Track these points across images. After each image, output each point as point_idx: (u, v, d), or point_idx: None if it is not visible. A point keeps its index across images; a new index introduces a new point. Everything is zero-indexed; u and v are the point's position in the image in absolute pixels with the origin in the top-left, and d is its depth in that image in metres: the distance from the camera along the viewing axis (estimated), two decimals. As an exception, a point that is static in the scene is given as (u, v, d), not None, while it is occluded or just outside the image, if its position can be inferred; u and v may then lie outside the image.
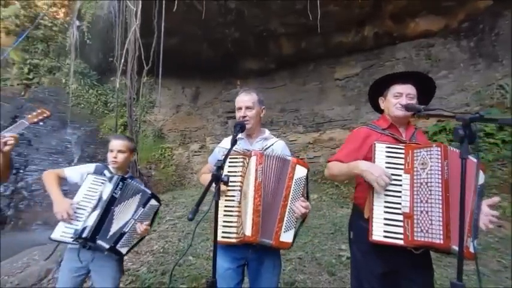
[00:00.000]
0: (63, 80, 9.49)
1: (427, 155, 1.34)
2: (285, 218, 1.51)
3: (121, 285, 2.80)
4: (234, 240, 1.56)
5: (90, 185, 1.83)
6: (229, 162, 1.57)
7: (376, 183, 1.36)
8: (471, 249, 1.31)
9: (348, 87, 7.99)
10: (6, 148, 1.56)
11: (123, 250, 1.81)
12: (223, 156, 1.32)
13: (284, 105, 8.87)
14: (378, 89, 1.71)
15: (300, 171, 1.54)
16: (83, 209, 1.77)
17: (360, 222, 1.56)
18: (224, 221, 1.58)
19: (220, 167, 1.20)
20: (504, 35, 6.32)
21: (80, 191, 1.83)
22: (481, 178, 1.38)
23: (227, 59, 8.97)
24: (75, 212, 1.74)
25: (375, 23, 7.45)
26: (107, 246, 1.73)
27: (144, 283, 2.87)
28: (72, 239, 1.71)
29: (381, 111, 1.75)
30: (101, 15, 8.50)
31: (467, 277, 3.03)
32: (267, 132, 1.87)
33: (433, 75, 7.03)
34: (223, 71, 9.38)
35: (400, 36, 7.43)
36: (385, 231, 1.37)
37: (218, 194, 1.19)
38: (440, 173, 1.28)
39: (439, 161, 1.29)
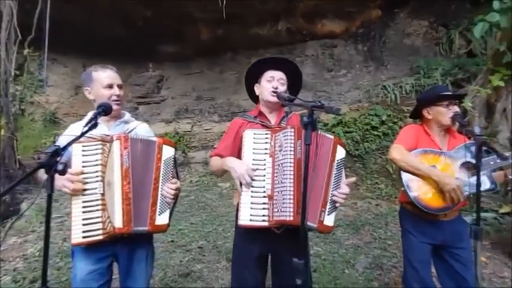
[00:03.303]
0: None
1: (283, 137, 1.39)
2: (158, 201, 1.45)
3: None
4: (101, 237, 1.40)
5: None
6: (84, 150, 1.37)
7: (238, 180, 1.42)
8: (326, 223, 1.39)
9: (263, 79, 8.25)
10: None
11: None
12: (67, 143, 1.13)
13: (200, 93, 8.63)
14: (255, 76, 1.76)
15: (168, 152, 1.50)
16: None
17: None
18: (84, 219, 1.39)
19: (54, 154, 1.01)
20: (389, 43, 7.43)
21: None
22: (341, 153, 1.47)
23: (140, 39, 8.17)
24: None
25: (289, 19, 7.81)
26: None
27: (4, 295, 2.40)
28: None
29: (256, 101, 1.80)
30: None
31: (346, 250, 3.49)
32: (127, 115, 1.70)
33: (335, 73, 7.82)
34: (135, 52, 8.52)
35: (310, 34, 7.98)
36: (251, 215, 1.40)
37: (51, 186, 1.00)
38: (292, 153, 1.34)
39: (292, 141, 1.34)
